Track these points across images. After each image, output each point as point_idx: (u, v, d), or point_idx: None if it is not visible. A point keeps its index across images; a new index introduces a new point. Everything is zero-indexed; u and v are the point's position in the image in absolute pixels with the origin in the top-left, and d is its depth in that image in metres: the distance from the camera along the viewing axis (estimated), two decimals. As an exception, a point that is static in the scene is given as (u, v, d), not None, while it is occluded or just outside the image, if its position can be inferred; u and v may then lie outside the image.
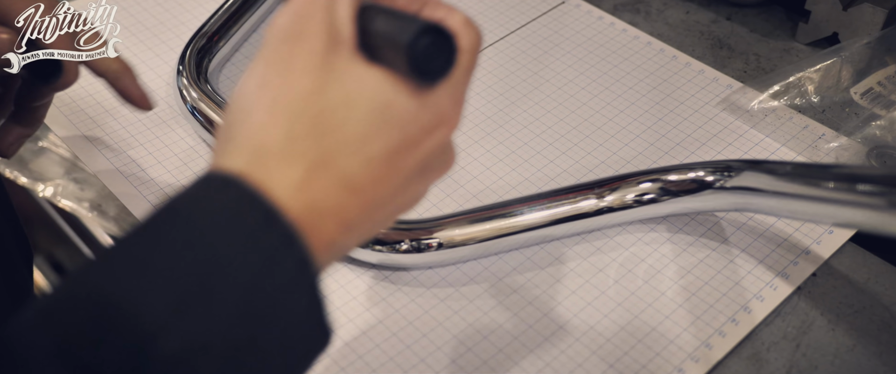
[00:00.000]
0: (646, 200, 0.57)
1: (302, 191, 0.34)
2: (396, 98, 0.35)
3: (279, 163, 0.34)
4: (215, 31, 0.72)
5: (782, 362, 0.52)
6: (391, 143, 0.35)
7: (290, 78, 0.35)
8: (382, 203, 0.36)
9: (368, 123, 0.35)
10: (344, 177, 0.34)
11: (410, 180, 0.37)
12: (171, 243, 0.32)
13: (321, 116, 0.34)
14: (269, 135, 0.34)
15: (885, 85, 0.69)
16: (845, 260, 0.58)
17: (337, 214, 0.34)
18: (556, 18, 0.77)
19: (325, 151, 0.34)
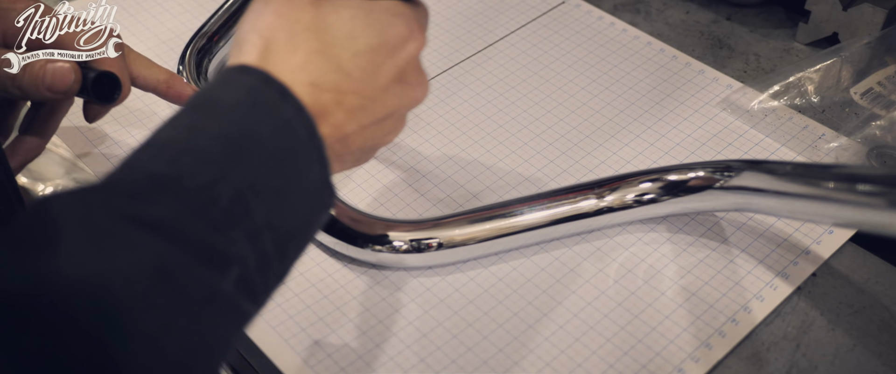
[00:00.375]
0: (646, 200, 0.57)
1: (304, 71, 0.42)
2: (374, 12, 0.44)
3: (284, 52, 0.42)
4: (215, 31, 0.72)
5: (782, 362, 0.52)
6: (372, 42, 0.43)
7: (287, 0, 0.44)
8: (373, 96, 0.44)
9: (353, 26, 0.43)
10: (336, 62, 0.42)
11: (392, 83, 0.44)
12: (210, 117, 0.39)
13: (316, 22, 0.43)
14: (274, 33, 0.42)
15: (885, 85, 0.69)
16: (845, 260, 0.58)
17: (336, 93, 0.42)
18: (556, 18, 0.77)
19: (320, 42, 0.43)
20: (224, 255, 0.36)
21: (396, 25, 0.44)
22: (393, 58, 0.44)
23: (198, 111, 0.40)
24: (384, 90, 0.44)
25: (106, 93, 0.56)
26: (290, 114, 0.40)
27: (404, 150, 0.65)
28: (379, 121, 0.45)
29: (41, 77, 0.52)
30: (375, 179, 0.63)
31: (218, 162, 0.37)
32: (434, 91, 0.70)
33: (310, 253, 0.58)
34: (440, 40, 0.75)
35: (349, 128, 0.44)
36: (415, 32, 0.45)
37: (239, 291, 0.37)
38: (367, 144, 0.46)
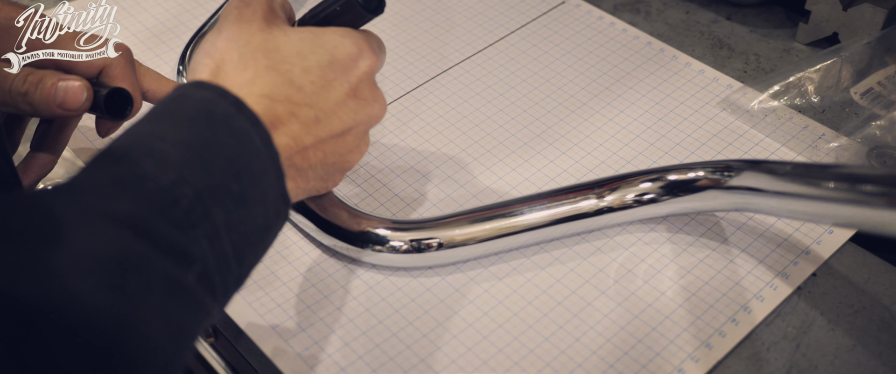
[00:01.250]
0: (646, 200, 0.57)
1: (255, 84, 0.44)
2: (323, 35, 0.47)
3: (236, 70, 0.45)
4: (215, 31, 0.72)
5: (782, 362, 0.52)
6: (323, 58, 0.46)
7: (240, 25, 0.47)
8: (328, 110, 0.46)
9: (302, 47, 0.46)
10: (287, 76, 0.45)
11: (347, 98, 0.47)
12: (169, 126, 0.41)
13: (266, 43, 0.46)
14: (227, 54, 0.46)
15: (885, 85, 0.69)
16: (845, 260, 0.58)
17: (288, 102, 0.45)
18: (556, 18, 0.77)
19: (270, 60, 0.45)
20: (186, 252, 0.37)
21: (345, 45, 0.47)
22: (344, 74, 0.47)
23: (157, 120, 0.42)
24: (338, 105, 0.46)
25: (118, 109, 0.55)
26: (246, 125, 0.42)
27: (404, 150, 0.65)
28: (336, 136, 0.47)
29: (53, 95, 0.52)
30: (375, 180, 0.63)
31: (178, 166, 0.39)
32: (434, 91, 0.70)
33: (310, 253, 0.58)
34: (440, 41, 0.75)
35: (306, 140, 0.45)
36: (365, 51, 0.48)
37: (201, 286, 0.38)
38: (328, 159, 0.48)
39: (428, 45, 0.75)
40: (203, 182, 0.39)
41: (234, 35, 0.46)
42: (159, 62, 0.73)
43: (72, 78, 0.53)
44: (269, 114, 0.44)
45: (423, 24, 0.77)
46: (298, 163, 0.46)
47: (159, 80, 0.59)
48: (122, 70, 0.56)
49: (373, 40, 0.50)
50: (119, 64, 0.55)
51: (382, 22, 0.77)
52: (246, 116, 0.42)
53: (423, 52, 0.74)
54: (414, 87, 0.71)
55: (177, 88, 0.43)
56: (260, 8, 0.48)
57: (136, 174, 0.38)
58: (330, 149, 0.47)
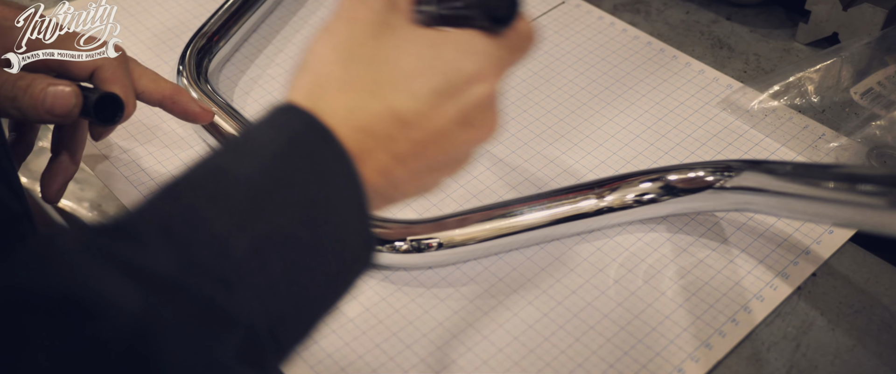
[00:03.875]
0: (646, 200, 0.57)
1: (353, 115, 0.38)
2: (442, 48, 0.40)
3: (335, 91, 0.39)
4: (215, 31, 0.72)
5: (782, 362, 0.52)
6: (434, 82, 0.39)
7: (352, 26, 0.40)
8: (428, 141, 0.40)
9: (415, 64, 0.39)
10: (391, 107, 0.39)
11: (453, 126, 0.40)
12: (243, 159, 0.37)
13: (375, 56, 0.40)
14: (328, 68, 0.40)
15: (885, 85, 0.69)
16: (845, 260, 0.58)
17: (386, 140, 0.39)
18: (556, 18, 0.77)
19: (375, 83, 0.39)
20: (227, 317, 0.33)
21: (465, 65, 0.40)
22: (456, 100, 0.40)
23: (232, 151, 0.38)
24: (442, 135, 0.40)
25: (108, 114, 0.54)
26: (330, 160, 0.37)
27: (404, 150, 0.65)
28: (435, 167, 0.41)
29: (41, 100, 0.51)
30: (375, 179, 0.63)
31: (238, 210, 0.35)
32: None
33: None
34: (440, 40, 0.75)
35: (398, 172, 0.40)
36: (486, 74, 0.41)
37: (240, 358, 0.33)
38: (419, 186, 0.42)
39: (428, 45, 0.75)
40: (265, 229, 0.35)
41: (341, 43, 0.40)
42: (159, 62, 0.73)
43: (62, 83, 0.51)
44: (361, 150, 0.38)
45: (423, 24, 0.77)
46: (384, 190, 0.40)
47: (157, 80, 0.58)
48: (114, 72, 0.54)
49: (505, 52, 0.42)
50: (112, 65, 0.54)
51: (382, 22, 0.77)
52: (334, 152, 0.37)
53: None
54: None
55: (271, 109, 0.39)
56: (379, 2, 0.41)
57: (190, 219, 0.34)
58: (423, 179, 0.42)
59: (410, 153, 0.40)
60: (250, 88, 0.71)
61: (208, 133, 0.64)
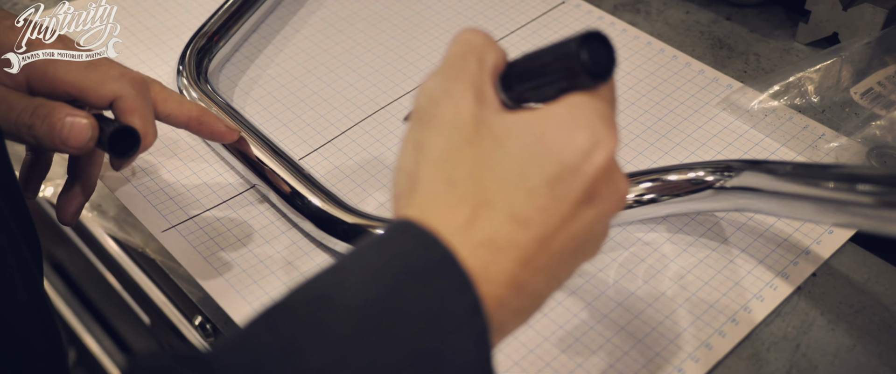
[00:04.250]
0: (646, 200, 0.57)
1: (471, 229, 0.35)
2: (547, 129, 0.36)
3: (445, 205, 0.36)
4: (215, 31, 0.72)
5: (782, 362, 0.52)
6: (549, 171, 0.36)
7: (444, 132, 0.37)
8: (555, 234, 0.36)
9: (523, 158, 0.36)
10: (509, 211, 0.35)
11: (580, 209, 0.36)
12: (350, 284, 0.34)
13: (477, 160, 0.36)
14: (433, 185, 0.36)
15: (885, 85, 0.69)
16: (845, 260, 0.58)
17: (510, 248, 0.35)
18: (556, 18, 0.77)
19: (486, 190, 0.36)
20: None
21: (576, 140, 0.36)
22: (576, 182, 0.36)
23: (339, 274, 0.35)
24: (570, 223, 0.36)
25: (124, 148, 0.52)
26: (450, 287, 0.34)
27: (404, 150, 0.65)
28: (567, 258, 0.37)
29: (58, 130, 0.50)
30: (376, 180, 0.63)
31: (341, 343, 0.32)
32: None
33: (310, 253, 0.58)
34: (440, 41, 0.75)
35: (528, 278, 0.36)
36: (601, 138, 0.36)
37: None
38: (554, 283, 0.38)
39: (428, 45, 0.75)
40: (367, 367, 0.32)
41: (438, 155, 0.37)
42: (159, 62, 0.73)
43: (80, 114, 0.50)
44: (483, 263, 0.35)
45: (423, 25, 0.77)
46: (515, 302, 0.36)
47: (182, 103, 0.57)
48: (133, 102, 0.53)
49: (607, 106, 0.38)
50: (132, 96, 0.53)
51: (383, 23, 0.77)
52: (453, 276, 0.34)
53: (424, 52, 0.74)
54: (415, 87, 0.71)
55: (387, 228, 0.36)
56: (469, 92, 0.37)
57: (285, 352, 0.32)
58: (559, 269, 0.37)
59: (539, 253, 0.36)
60: (250, 88, 0.71)
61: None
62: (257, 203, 0.62)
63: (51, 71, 0.52)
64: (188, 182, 0.63)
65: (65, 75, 0.52)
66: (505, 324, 0.36)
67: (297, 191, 0.58)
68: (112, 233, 0.64)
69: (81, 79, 0.52)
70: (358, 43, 0.75)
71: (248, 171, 0.61)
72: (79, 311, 1.05)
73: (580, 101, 0.37)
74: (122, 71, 0.53)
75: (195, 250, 0.58)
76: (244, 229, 0.60)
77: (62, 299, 1.05)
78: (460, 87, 0.38)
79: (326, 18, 0.78)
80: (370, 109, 0.69)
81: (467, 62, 0.38)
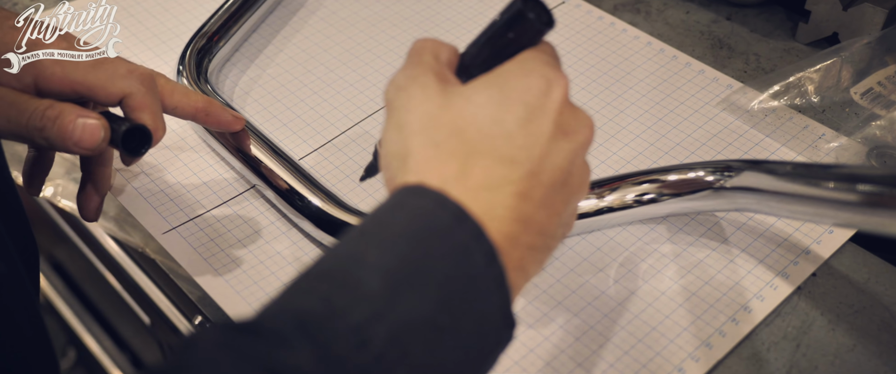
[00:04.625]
0: (646, 200, 0.57)
1: (466, 177, 0.38)
2: (506, 81, 0.41)
3: (439, 166, 0.39)
4: (215, 31, 0.72)
5: (782, 362, 0.52)
6: (519, 114, 0.40)
7: (418, 108, 0.41)
8: (541, 167, 0.40)
9: (493, 109, 0.40)
10: (495, 154, 0.39)
11: (555, 142, 0.40)
12: (374, 245, 0.37)
13: (454, 120, 0.40)
14: (422, 151, 0.39)
15: (885, 85, 0.69)
16: (845, 260, 0.58)
17: (506, 184, 0.39)
18: (556, 18, 0.77)
19: (469, 142, 0.39)
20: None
21: (534, 84, 0.41)
22: (545, 116, 0.40)
23: (364, 238, 0.38)
24: (550, 152, 0.40)
25: (136, 146, 0.53)
26: (466, 238, 0.37)
27: (404, 150, 0.65)
28: (559, 189, 0.41)
29: (70, 131, 0.50)
30: (376, 180, 0.63)
31: (374, 298, 0.35)
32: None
33: (310, 253, 0.58)
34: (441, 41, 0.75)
35: (530, 210, 0.39)
36: (552, 79, 0.41)
37: None
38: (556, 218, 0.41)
39: (428, 45, 0.75)
40: (403, 317, 0.35)
41: (418, 128, 0.40)
42: (159, 62, 0.73)
43: (91, 115, 0.50)
44: (485, 206, 0.38)
45: (423, 24, 0.77)
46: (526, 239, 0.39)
47: (188, 94, 0.57)
48: (143, 99, 0.53)
49: (550, 55, 0.43)
50: (141, 93, 0.53)
51: (383, 23, 0.77)
52: (468, 229, 0.37)
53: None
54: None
55: (394, 194, 0.39)
56: (430, 75, 0.42)
57: (325, 311, 0.34)
58: (555, 203, 0.41)
59: (533, 187, 0.39)
60: (250, 88, 0.71)
61: (209, 133, 0.64)
62: (257, 204, 0.62)
63: (59, 71, 0.52)
64: (188, 183, 0.63)
65: (73, 74, 0.52)
66: (523, 262, 0.39)
67: (297, 191, 0.58)
68: (112, 233, 0.64)
69: (90, 78, 0.52)
70: (358, 43, 0.75)
71: (248, 171, 0.61)
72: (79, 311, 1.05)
73: (527, 55, 0.42)
74: (129, 67, 0.53)
75: (195, 251, 0.58)
76: (244, 230, 0.60)
77: (62, 299, 1.05)
78: (421, 71, 0.42)
79: (326, 18, 0.78)
80: (370, 109, 0.69)
81: (423, 57, 0.43)
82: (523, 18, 0.42)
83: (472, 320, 0.37)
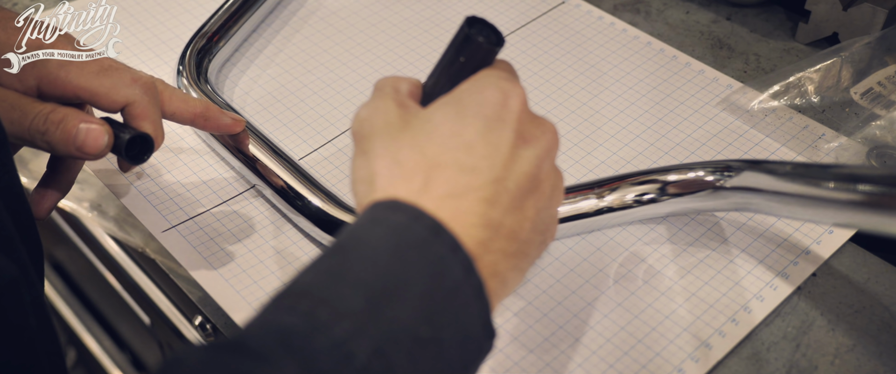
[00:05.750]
0: (646, 200, 0.57)
1: (430, 189, 0.39)
2: (463, 100, 0.42)
3: (404, 182, 0.40)
4: (215, 31, 0.72)
5: (782, 362, 0.52)
6: (478, 126, 0.41)
7: (380, 133, 0.42)
8: (505, 174, 0.40)
9: (451, 125, 0.41)
10: (456, 165, 0.40)
11: (518, 149, 0.41)
12: (355, 260, 0.37)
13: (414, 138, 0.41)
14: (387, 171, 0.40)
15: (885, 85, 0.69)
16: (845, 260, 0.58)
17: (470, 191, 0.39)
18: (556, 18, 0.77)
19: (430, 157, 0.40)
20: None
21: (489, 98, 0.42)
22: (504, 126, 0.41)
23: (341, 254, 0.38)
24: (513, 160, 0.41)
25: (138, 154, 0.53)
26: (443, 250, 0.37)
27: (404, 150, 0.65)
28: (527, 191, 0.41)
29: (73, 136, 0.50)
30: (375, 179, 0.63)
31: (357, 313, 0.35)
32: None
33: (310, 253, 0.58)
34: (440, 41, 0.75)
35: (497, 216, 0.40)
36: (508, 90, 0.42)
37: None
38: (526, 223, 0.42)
39: (428, 45, 0.75)
40: (385, 330, 0.35)
41: (382, 149, 0.41)
42: (159, 62, 0.73)
43: (94, 120, 0.51)
44: (453, 214, 0.39)
45: (423, 25, 0.77)
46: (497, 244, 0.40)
47: (186, 100, 0.57)
48: (145, 108, 0.53)
49: (506, 70, 0.44)
50: (143, 102, 0.53)
51: (383, 23, 0.77)
52: (444, 242, 0.38)
53: (424, 52, 0.74)
54: (414, 87, 0.71)
55: (369, 210, 0.39)
56: (391, 103, 0.43)
57: (308, 326, 0.34)
58: (524, 208, 0.41)
59: (498, 193, 0.40)
60: (250, 88, 0.71)
61: (211, 136, 0.64)
62: (257, 203, 0.62)
63: (63, 75, 0.52)
64: (188, 182, 0.63)
65: (77, 80, 0.52)
66: (497, 267, 0.40)
67: (297, 191, 0.58)
68: (112, 233, 0.64)
69: (94, 84, 0.52)
70: (358, 43, 0.75)
71: (248, 171, 0.61)
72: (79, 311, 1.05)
73: (483, 73, 0.43)
74: (133, 76, 0.53)
75: (195, 250, 0.58)
76: (244, 230, 0.60)
77: (62, 299, 1.05)
78: (382, 102, 0.43)
79: (326, 18, 0.78)
80: (370, 109, 0.69)
81: (385, 89, 0.44)
82: (472, 42, 0.43)
83: (453, 330, 0.37)
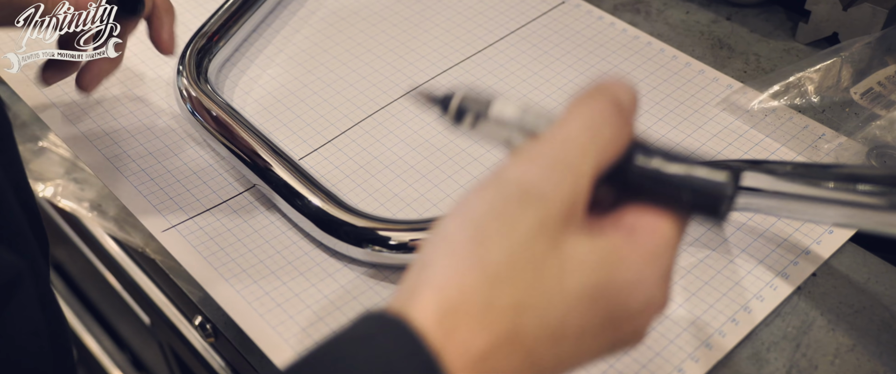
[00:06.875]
0: (646, 200, 0.57)
1: (484, 363, 0.30)
2: (610, 280, 0.32)
3: (468, 328, 0.30)
4: (215, 31, 0.72)
5: (782, 362, 0.52)
6: (585, 324, 0.32)
7: (511, 237, 0.31)
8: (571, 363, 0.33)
9: (571, 307, 0.32)
10: (531, 359, 0.31)
11: (604, 351, 0.35)
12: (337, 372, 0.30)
13: (529, 290, 0.31)
14: (468, 293, 0.31)
15: (885, 85, 0.69)
16: (845, 260, 0.58)
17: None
18: (556, 18, 0.77)
19: (519, 326, 0.31)
20: None
21: (635, 296, 0.33)
22: (608, 334, 0.33)
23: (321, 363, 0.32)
24: (589, 356, 0.34)
25: (130, 4, 0.55)
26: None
27: (404, 150, 0.65)
28: None
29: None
30: (375, 179, 0.63)
31: None
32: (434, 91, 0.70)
33: (310, 253, 0.58)
34: (440, 41, 0.75)
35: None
36: (654, 300, 0.33)
37: None
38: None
39: (428, 45, 0.75)
40: None
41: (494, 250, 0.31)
42: (159, 62, 0.73)
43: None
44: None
45: (422, 25, 0.77)
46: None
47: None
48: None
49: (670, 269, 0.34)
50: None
51: (383, 23, 0.77)
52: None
53: (424, 52, 0.74)
54: (414, 87, 0.71)
55: (366, 317, 0.33)
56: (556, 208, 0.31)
57: None
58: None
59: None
60: (250, 88, 0.71)
61: (209, 134, 0.64)
62: (257, 203, 0.62)
63: None
64: (188, 182, 0.63)
65: None
66: None
67: (297, 191, 0.58)
68: (112, 233, 0.64)
69: None
70: (358, 43, 0.75)
71: (248, 171, 0.61)
72: (79, 311, 1.05)
73: (662, 247, 0.33)
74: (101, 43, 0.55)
75: (195, 250, 0.58)
76: (244, 229, 0.60)
77: (62, 299, 1.05)
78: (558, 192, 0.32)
79: (326, 18, 0.78)
80: (370, 109, 0.69)
81: (586, 157, 0.32)
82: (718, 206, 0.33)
83: None
